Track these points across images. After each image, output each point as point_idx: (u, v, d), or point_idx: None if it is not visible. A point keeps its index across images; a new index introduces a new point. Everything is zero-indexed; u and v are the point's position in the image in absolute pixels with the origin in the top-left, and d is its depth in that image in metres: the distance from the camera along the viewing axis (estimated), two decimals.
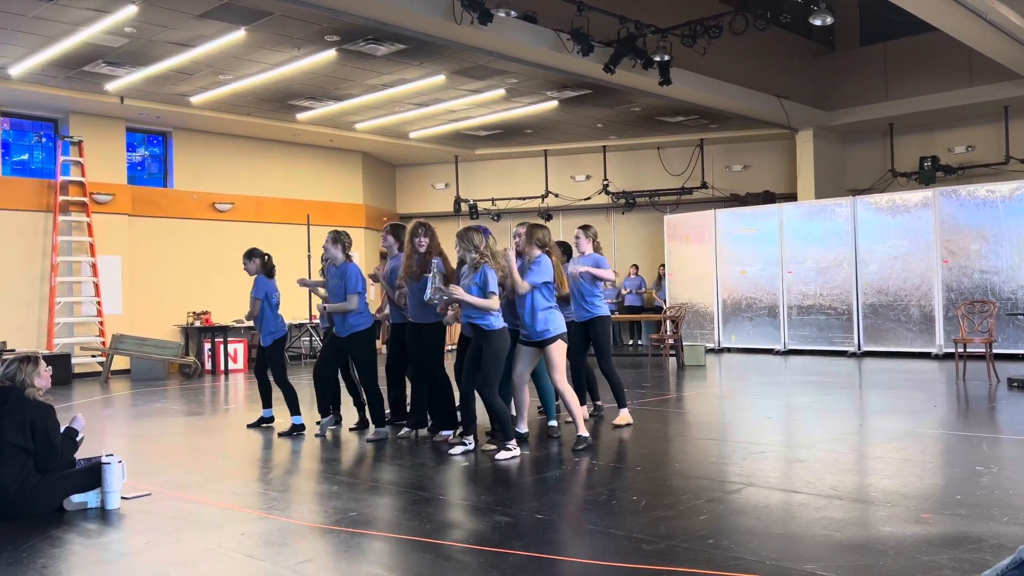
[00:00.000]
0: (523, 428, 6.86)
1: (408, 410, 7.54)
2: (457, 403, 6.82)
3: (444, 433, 6.97)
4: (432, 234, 6.92)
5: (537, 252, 6.52)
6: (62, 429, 5.13)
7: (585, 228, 7.79)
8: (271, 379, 7.92)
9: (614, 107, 14.87)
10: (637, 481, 5.47)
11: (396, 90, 13.30)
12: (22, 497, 4.83)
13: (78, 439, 5.27)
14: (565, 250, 7.97)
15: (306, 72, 12.21)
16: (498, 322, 6.19)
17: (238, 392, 11.50)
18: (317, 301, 9.02)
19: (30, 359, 5.13)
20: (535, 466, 5.99)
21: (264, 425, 8.00)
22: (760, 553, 3.83)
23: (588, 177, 18.32)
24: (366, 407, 7.56)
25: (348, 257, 7.34)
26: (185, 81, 12.55)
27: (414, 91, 13.40)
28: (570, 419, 6.71)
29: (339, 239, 7.33)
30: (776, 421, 8.07)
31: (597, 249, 7.74)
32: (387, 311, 7.72)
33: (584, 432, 6.48)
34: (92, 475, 5.03)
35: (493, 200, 18.47)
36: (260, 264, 7.95)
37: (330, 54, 11.40)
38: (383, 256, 7.91)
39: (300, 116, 14.87)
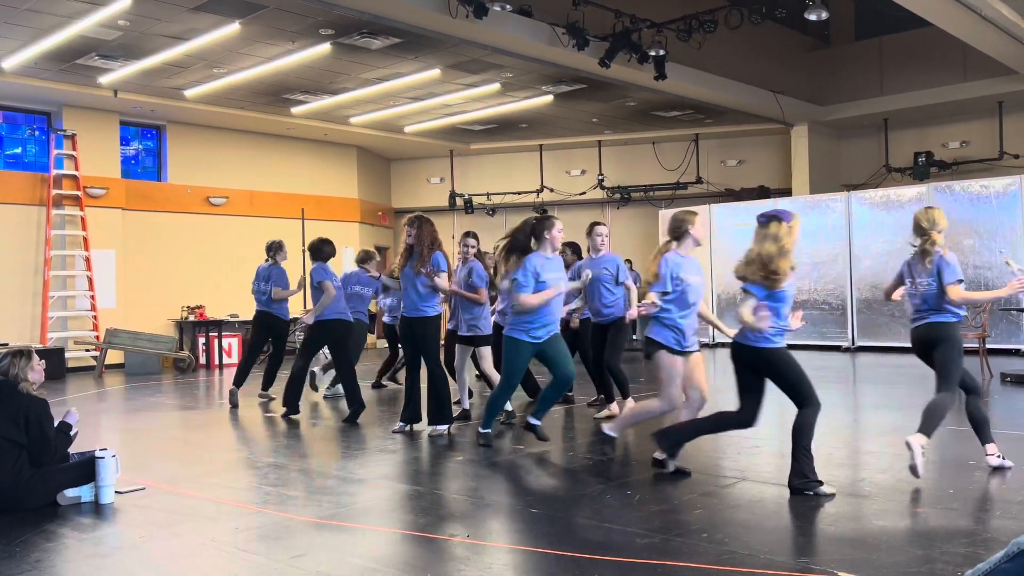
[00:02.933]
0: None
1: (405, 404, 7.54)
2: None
3: (440, 428, 6.97)
4: (419, 225, 6.86)
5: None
6: (56, 423, 5.12)
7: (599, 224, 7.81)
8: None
9: (609, 102, 14.85)
10: (631, 475, 5.48)
11: (391, 84, 13.27)
12: (15, 491, 4.82)
13: (72, 433, 5.25)
14: (575, 250, 7.98)
15: (301, 66, 12.17)
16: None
17: None
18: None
19: (23, 353, 5.12)
20: (529, 461, 6.00)
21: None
22: (754, 547, 3.84)
23: (583, 172, 18.30)
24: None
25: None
26: (179, 75, 12.51)
27: (409, 85, 13.37)
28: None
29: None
30: (770, 416, 8.06)
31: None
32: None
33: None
34: (86, 469, 5.03)
35: (488, 195, 18.45)
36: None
37: (325, 48, 11.36)
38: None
39: (295, 110, 14.83)
